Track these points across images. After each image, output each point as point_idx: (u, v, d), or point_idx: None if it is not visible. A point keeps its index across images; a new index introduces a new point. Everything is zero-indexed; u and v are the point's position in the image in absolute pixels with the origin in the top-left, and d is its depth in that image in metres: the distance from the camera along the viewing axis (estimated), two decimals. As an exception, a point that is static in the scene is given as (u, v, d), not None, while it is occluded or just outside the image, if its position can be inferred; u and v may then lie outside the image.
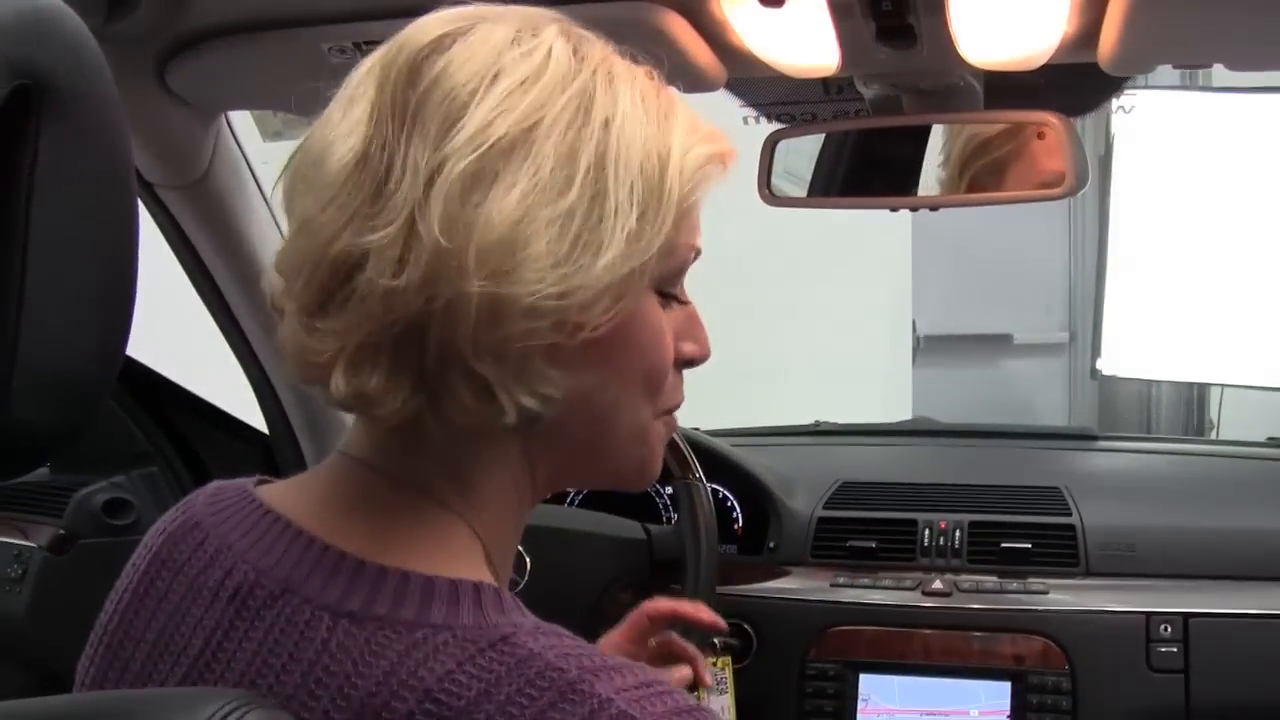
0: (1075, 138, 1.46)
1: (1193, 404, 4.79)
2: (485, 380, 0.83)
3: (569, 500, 2.13)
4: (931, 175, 1.69)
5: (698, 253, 0.93)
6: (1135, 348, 3.91)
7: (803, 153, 1.74)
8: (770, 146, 1.58)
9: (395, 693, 0.80)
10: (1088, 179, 1.48)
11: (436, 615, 0.83)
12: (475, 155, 0.81)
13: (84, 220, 0.75)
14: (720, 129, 0.92)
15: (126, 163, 0.79)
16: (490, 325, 0.82)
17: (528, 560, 1.74)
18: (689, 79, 1.41)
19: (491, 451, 0.89)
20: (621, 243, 0.83)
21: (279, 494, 0.93)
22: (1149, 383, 4.76)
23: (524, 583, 1.74)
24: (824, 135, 1.87)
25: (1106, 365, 4.00)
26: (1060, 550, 1.89)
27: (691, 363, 0.97)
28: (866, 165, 1.81)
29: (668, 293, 0.92)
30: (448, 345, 0.83)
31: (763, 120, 1.79)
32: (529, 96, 0.84)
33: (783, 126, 1.63)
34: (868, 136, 1.83)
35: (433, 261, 0.81)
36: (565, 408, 0.87)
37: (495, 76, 0.84)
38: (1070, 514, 1.93)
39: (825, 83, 1.65)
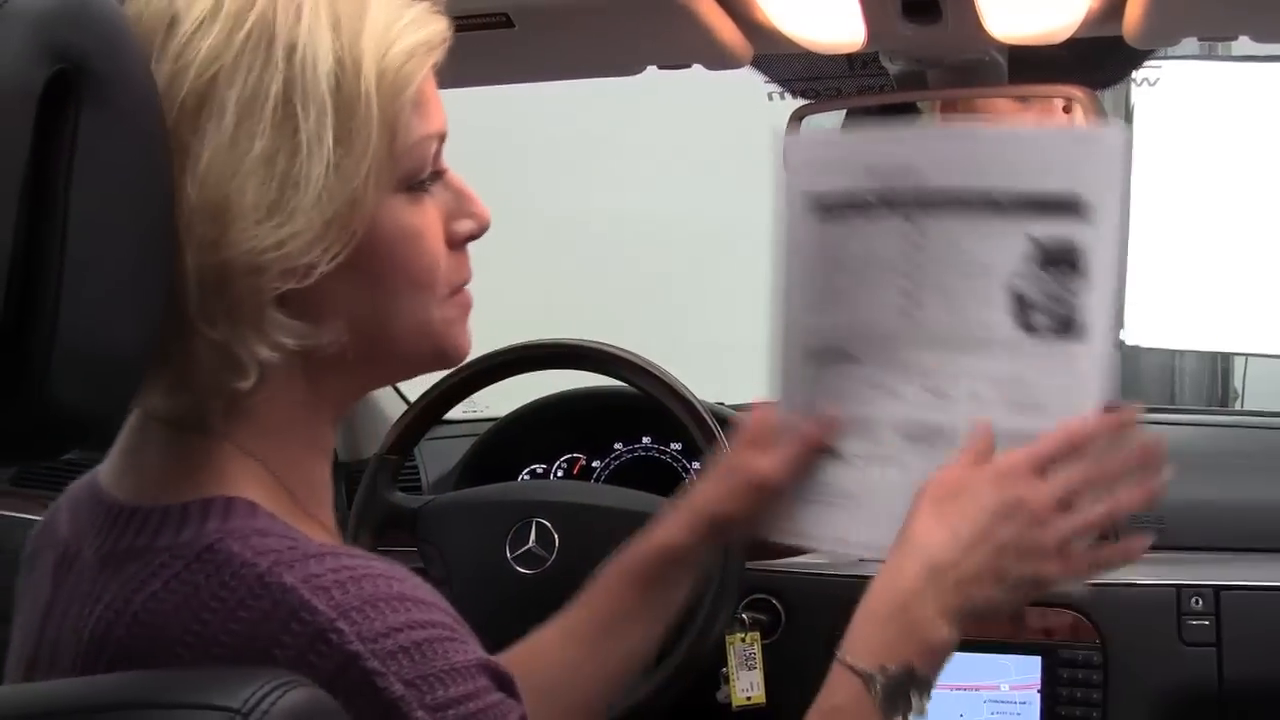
0: (1101, 111, 1.45)
1: (1217, 374, 4.76)
2: (223, 343, 0.83)
3: (595, 476, 2.13)
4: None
5: (442, 136, 0.90)
6: (1159, 318, 3.89)
7: (824, 128, 1.73)
8: (796, 122, 1.57)
9: (113, 621, 0.81)
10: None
11: (164, 538, 0.83)
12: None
13: (122, 202, 0.76)
14: (424, 4, 0.88)
15: (163, 145, 0.79)
16: (216, 292, 0.81)
17: (556, 537, 1.75)
18: (714, 56, 1.41)
19: (267, 383, 0.87)
20: (323, 176, 0.81)
21: (104, 463, 0.94)
22: (1173, 353, 4.73)
23: (552, 559, 1.74)
24: (845, 112, 1.86)
25: (1130, 336, 3.97)
26: (1089, 523, 1.86)
27: (473, 237, 0.95)
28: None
29: (418, 186, 0.89)
30: (181, 317, 0.82)
31: (787, 96, 1.78)
32: (203, 47, 0.81)
33: (808, 102, 1.62)
34: (891, 110, 1.82)
35: None
36: (335, 334, 0.87)
37: (170, 25, 0.82)
38: (1099, 487, 1.91)
39: (850, 58, 1.64)
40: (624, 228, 4.00)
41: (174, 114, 0.81)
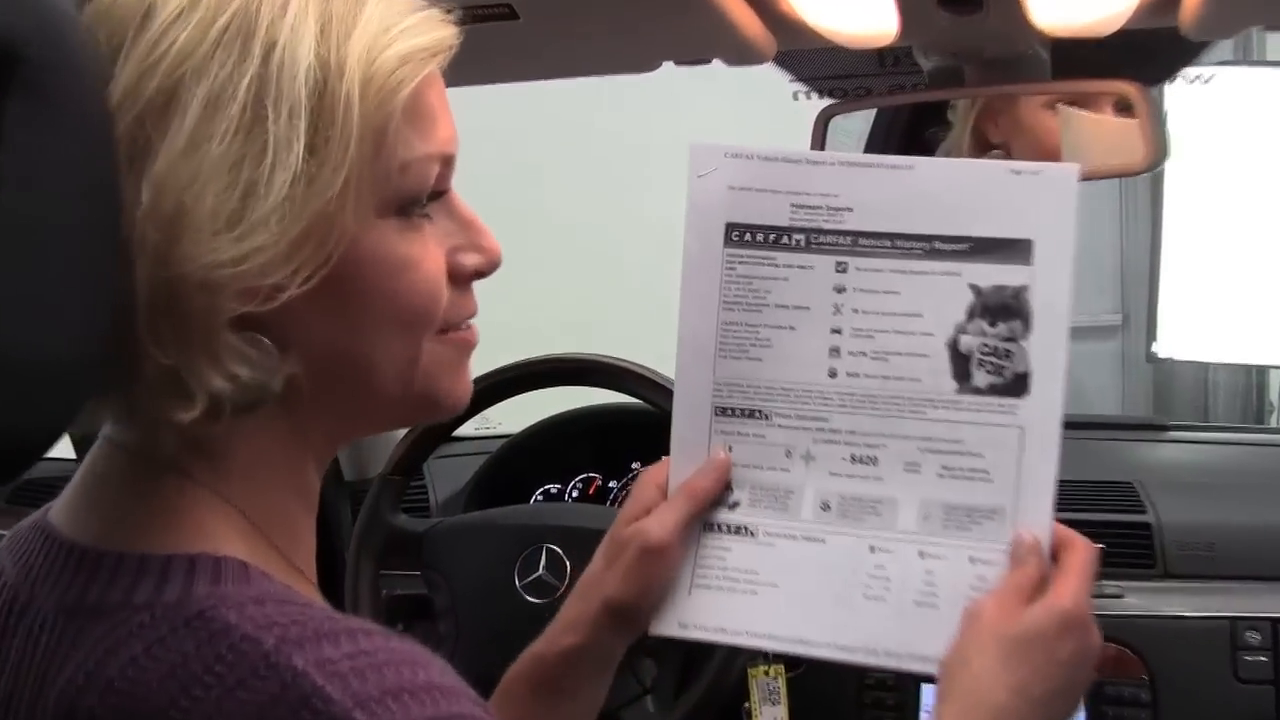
0: (1156, 108, 1.38)
1: (1252, 388, 4.72)
2: (171, 368, 0.75)
3: (612, 497, 2.07)
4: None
5: (448, 158, 0.83)
6: (1192, 329, 3.84)
7: (851, 132, 1.68)
8: (823, 123, 1.51)
9: (84, 686, 0.74)
10: (1168, 152, 1.40)
11: (141, 595, 0.76)
12: (122, 126, 0.74)
13: (61, 203, 0.69)
14: (433, 10, 0.81)
15: (107, 139, 0.73)
16: (165, 310, 0.74)
17: (568, 564, 1.68)
18: (735, 51, 1.37)
19: (243, 422, 0.79)
20: (288, 185, 0.74)
21: (56, 500, 0.87)
22: (1206, 366, 4.69)
23: (563, 588, 1.67)
24: (874, 112, 1.81)
25: (1163, 348, 3.93)
26: (1135, 550, 1.81)
27: (480, 274, 0.87)
28: (920, 143, 1.77)
29: (417, 213, 0.82)
30: (132, 336, 0.75)
31: (814, 95, 1.74)
32: (178, 40, 0.74)
33: (835, 101, 1.56)
34: (922, 113, 1.77)
35: None
36: (312, 368, 0.80)
37: (146, 16, 0.75)
38: (1145, 511, 1.85)
39: (880, 54, 1.61)
40: (646, 235, 3.97)
41: (140, 111, 0.75)
